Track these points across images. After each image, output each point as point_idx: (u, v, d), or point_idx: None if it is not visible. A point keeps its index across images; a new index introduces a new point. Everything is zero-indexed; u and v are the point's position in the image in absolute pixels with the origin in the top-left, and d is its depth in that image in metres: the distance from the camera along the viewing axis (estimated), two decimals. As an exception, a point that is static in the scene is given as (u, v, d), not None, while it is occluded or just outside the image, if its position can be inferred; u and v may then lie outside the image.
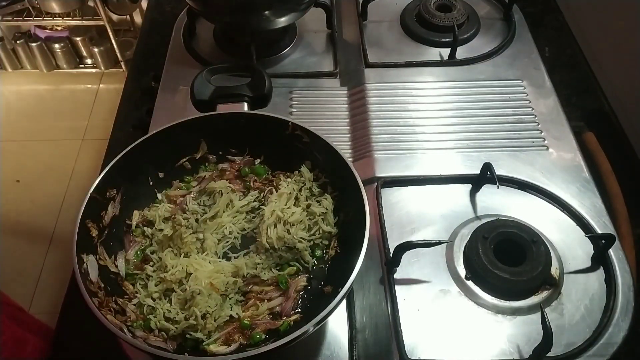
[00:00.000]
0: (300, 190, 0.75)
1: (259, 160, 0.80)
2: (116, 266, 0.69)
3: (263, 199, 0.76)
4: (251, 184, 0.78)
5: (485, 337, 0.68)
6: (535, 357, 0.65)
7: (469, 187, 0.83)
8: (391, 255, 0.73)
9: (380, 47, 1.05)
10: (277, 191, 0.75)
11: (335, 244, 0.72)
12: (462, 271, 0.73)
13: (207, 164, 0.80)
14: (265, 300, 0.67)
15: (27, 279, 1.88)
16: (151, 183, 0.77)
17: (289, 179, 0.77)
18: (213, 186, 0.76)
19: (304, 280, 0.69)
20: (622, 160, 0.89)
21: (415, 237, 0.76)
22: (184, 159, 0.79)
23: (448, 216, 0.80)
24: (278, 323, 0.65)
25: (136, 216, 0.74)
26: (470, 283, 0.72)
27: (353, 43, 1.07)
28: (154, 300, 0.66)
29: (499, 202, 0.81)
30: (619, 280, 0.71)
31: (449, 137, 0.89)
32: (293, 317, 0.66)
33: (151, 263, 0.70)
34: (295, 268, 0.70)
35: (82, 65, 2.58)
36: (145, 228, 0.74)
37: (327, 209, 0.73)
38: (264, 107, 0.80)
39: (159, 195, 0.77)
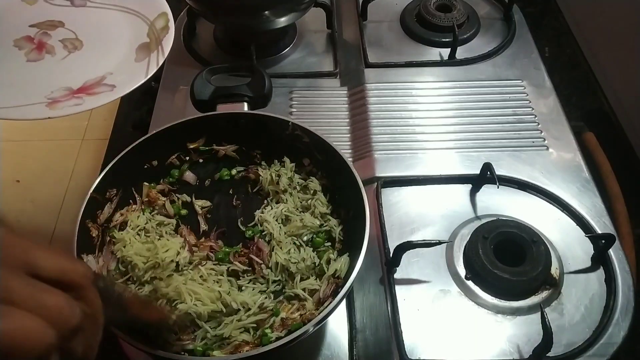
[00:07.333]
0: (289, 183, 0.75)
1: (258, 160, 0.80)
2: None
3: None
4: None
5: (485, 337, 0.68)
6: (535, 357, 0.65)
7: (469, 187, 0.83)
8: (391, 255, 0.73)
9: (380, 47, 1.05)
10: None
11: (341, 236, 0.70)
12: (462, 271, 0.73)
13: (207, 164, 0.80)
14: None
15: (27, 279, 1.88)
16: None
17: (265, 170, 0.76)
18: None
19: (346, 263, 0.66)
20: (622, 160, 0.89)
21: (415, 237, 0.75)
22: (184, 159, 0.79)
23: (448, 216, 0.80)
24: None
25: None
26: (470, 283, 0.72)
27: (353, 43, 1.07)
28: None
29: (499, 202, 0.81)
30: (619, 280, 0.71)
31: (449, 137, 0.89)
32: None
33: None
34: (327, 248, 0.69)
35: (82, 65, 2.58)
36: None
37: (316, 190, 0.73)
38: (264, 107, 0.80)
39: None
